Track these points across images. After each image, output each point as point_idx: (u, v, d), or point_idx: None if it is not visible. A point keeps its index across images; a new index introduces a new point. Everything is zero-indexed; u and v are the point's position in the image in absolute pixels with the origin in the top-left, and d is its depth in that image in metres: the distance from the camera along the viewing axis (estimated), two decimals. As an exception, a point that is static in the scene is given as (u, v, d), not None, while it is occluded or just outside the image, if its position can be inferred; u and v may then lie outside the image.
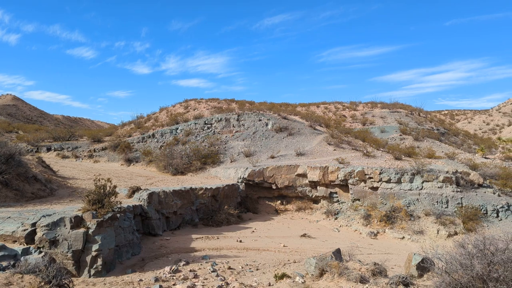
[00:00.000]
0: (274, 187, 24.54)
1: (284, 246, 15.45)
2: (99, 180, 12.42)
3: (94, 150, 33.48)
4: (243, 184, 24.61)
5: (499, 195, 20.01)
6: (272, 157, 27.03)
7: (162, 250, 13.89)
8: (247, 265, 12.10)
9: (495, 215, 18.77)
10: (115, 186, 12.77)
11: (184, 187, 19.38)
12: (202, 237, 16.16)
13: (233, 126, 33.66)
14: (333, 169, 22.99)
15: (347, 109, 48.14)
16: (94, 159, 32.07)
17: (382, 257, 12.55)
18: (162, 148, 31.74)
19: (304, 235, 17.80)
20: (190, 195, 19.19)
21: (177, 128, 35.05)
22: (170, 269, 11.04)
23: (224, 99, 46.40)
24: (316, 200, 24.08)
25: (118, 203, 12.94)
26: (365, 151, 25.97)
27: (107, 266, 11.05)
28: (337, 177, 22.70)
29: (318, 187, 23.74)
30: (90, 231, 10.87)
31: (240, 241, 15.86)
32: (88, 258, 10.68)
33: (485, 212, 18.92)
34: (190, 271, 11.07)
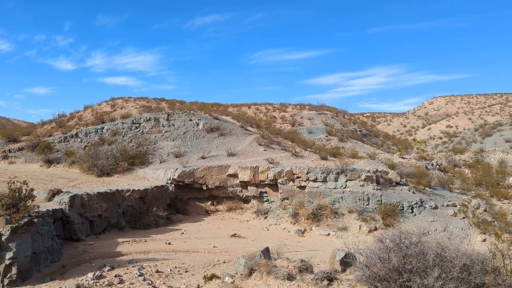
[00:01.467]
0: (204, 187, 24.35)
1: (214, 246, 15.37)
2: (13, 183, 11.44)
3: (10, 151, 30.83)
4: (173, 185, 24.11)
5: (413, 192, 21.66)
6: (203, 158, 26.81)
7: (85, 255, 13.13)
8: (176, 267, 11.85)
9: (410, 211, 20.27)
10: (32, 189, 11.85)
11: (110, 189, 18.52)
12: (129, 241, 15.55)
13: (163, 126, 32.86)
14: (263, 169, 23.37)
15: (277, 111, 49.24)
16: (10, 160, 29.54)
17: (309, 254, 12.99)
18: (87, 148, 30.09)
19: (234, 235, 17.86)
20: (116, 197, 18.38)
21: (103, 128, 33.43)
22: (93, 275, 10.47)
23: (153, 98, 45.14)
24: (246, 200, 24.28)
25: (36, 207, 12.01)
26: (293, 152, 26.71)
27: (22, 274, 10.22)
28: (267, 177, 23.10)
29: (248, 187, 23.97)
30: (3, 238, 9.98)
31: (169, 243, 15.50)
32: (1, 267, 9.82)
33: (401, 208, 20.36)
34: (116, 276, 10.59)
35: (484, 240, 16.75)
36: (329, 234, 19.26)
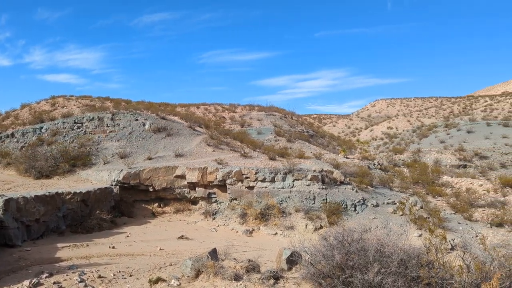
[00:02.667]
0: (151, 189, 23.79)
1: (160, 249, 15.08)
2: None
3: None
4: (118, 187, 23.34)
5: (356, 191, 22.54)
6: (150, 159, 26.19)
7: (21, 262, 12.36)
8: (119, 272, 11.48)
9: (353, 209, 21.09)
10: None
11: (49, 192, 17.57)
12: (70, 246, 14.85)
13: (107, 125, 31.69)
14: (212, 169, 23.26)
15: (226, 111, 49.17)
16: None
17: (257, 254, 13.11)
18: (24, 149, 28.31)
19: (181, 237, 17.62)
20: (56, 201, 17.48)
21: (42, 127, 31.65)
22: (29, 283, 9.88)
23: (97, 97, 43.38)
24: (194, 201, 24.04)
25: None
26: (242, 152, 26.82)
27: None
28: (216, 178, 23.02)
29: (197, 188, 23.75)
30: None
31: (113, 247, 15.00)
32: None
33: (345, 206, 21.12)
34: (54, 283, 10.07)
35: (420, 236, 17.77)
36: (276, 233, 19.55)
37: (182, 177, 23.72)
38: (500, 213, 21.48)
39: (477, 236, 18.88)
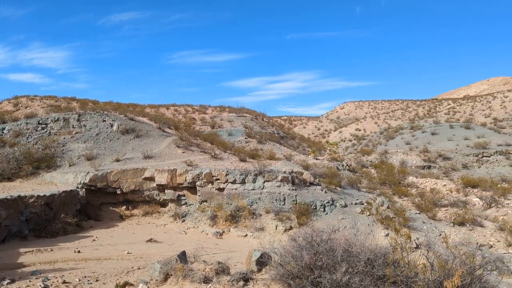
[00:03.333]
0: (119, 192, 23.27)
1: (128, 253, 14.78)
2: None
3: None
4: (84, 189, 22.72)
5: (325, 192, 22.87)
6: (118, 160, 25.63)
7: (-21, 270, 11.82)
8: (85, 277, 11.17)
9: (323, 209, 21.38)
10: None
11: (11, 195, 16.88)
12: (33, 251, 14.33)
13: (73, 127, 30.80)
14: (182, 171, 23.02)
15: (197, 112, 48.81)
16: None
17: (226, 256, 13.05)
18: (-17, 150, 27.09)
19: (150, 240, 17.34)
20: (18, 204, 16.80)
21: (4, 128, 30.41)
22: (-12, 292, 9.48)
23: (63, 97, 42.06)
24: (164, 204, 23.70)
25: None
26: (213, 154, 26.69)
27: None
28: (185, 180, 22.80)
29: (166, 190, 23.44)
30: None
31: (79, 252, 14.58)
32: None
33: (314, 207, 21.38)
34: (15, 291, 9.70)
35: (387, 235, 18.22)
36: (246, 235, 19.55)
37: (151, 179, 23.35)
38: (461, 212, 22.33)
39: (440, 234, 19.53)
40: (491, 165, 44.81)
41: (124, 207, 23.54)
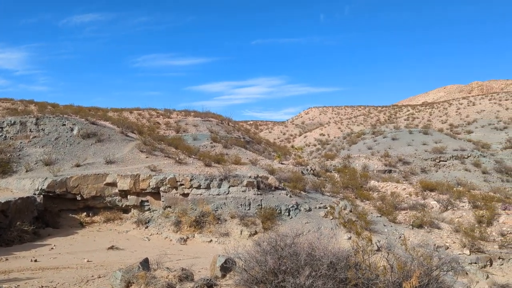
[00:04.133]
0: (79, 198, 22.52)
1: (88, 261, 14.32)
2: None
3: None
4: (42, 196, 21.82)
5: (290, 196, 23.11)
6: (78, 166, 24.82)
7: None
8: (42, 287, 10.72)
9: (287, 214, 21.58)
10: None
11: (-39, 203, 16.01)
12: (-15, 261, 13.62)
13: (31, 130, 29.55)
14: (145, 177, 22.60)
15: (161, 116, 48.14)
16: None
17: (191, 262, 12.92)
18: None
19: (111, 248, 16.88)
20: (-32, 212, 15.95)
21: (-46, 132, 28.76)
22: None
23: (20, 100, 40.47)
24: (126, 210, 23.15)
25: None
26: (177, 158, 26.37)
27: None
28: (149, 185, 22.39)
29: (128, 196, 22.92)
30: None
31: (36, 261, 13.99)
32: None
33: (279, 212, 21.55)
34: (-35, 304, 9.18)
35: (350, 238, 18.62)
36: (211, 240, 19.42)
37: (113, 184, 22.77)
38: (420, 215, 23.17)
39: (400, 237, 20.17)
40: (447, 169, 46.83)
41: (85, 213, 22.80)
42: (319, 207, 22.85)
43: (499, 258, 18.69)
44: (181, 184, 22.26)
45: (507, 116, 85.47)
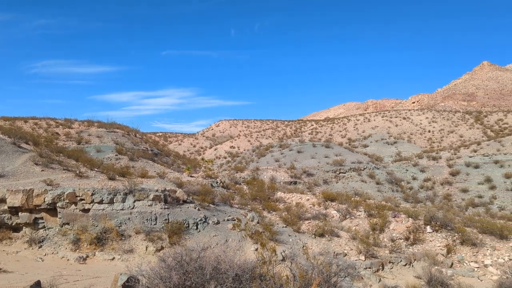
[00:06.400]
0: (-42, 216, 19.87)
1: (-33, 288, 12.68)
2: None
3: None
4: None
5: (199, 209, 22.95)
6: (-42, 180, 21.93)
7: None
8: None
9: (195, 227, 21.37)
10: None
11: None
12: None
13: None
14: (40, 192, 20.74)
15: (61, 126, 44.85)
16: None
17: (89, 282, 12.16)
18: None
19: (-2, 271, 15.14)
20: None
21: None
22: None
23: None
24: (17, 228, 20.94)
25: None
26: (78, 172, 24.67)
27: None
28: (44, 201, 20.58)
29: (20, 213, 20.78)
30: None
31: None
32: None
33: (187, 225, 21.25)
34: None
35: (256, 249, 19.03)
36: (114, 258, 18.43)
37: (2, 200, 20.50)
38: (322, 224, 24.55)
39: (303, 246, 21.15)
40: (346, 180, 50.43)
41: (-35, 234, 20.14)
42: (228, 220, 23.02)
43: (389, 262, 20.55)
44: (81, 199, 20.85)
45: (397, 132, 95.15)
